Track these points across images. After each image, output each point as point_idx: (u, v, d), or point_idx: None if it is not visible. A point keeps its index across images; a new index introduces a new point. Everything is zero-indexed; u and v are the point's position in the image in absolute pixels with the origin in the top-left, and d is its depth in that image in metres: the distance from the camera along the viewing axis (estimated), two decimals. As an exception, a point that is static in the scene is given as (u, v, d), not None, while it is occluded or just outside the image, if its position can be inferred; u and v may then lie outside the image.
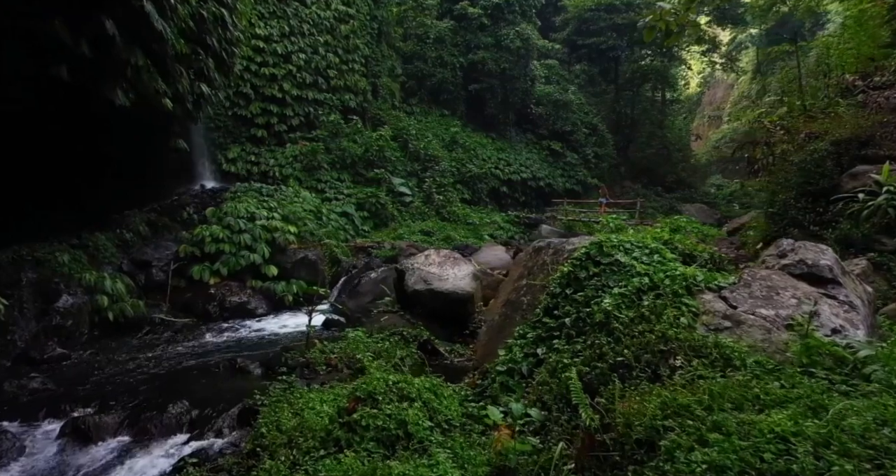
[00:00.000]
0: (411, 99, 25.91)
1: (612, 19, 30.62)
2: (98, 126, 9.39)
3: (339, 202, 17.52)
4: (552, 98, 27.97)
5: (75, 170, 10.05)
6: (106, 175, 11.38)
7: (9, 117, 7.52)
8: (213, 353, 8.02)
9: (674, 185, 35.13)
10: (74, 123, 8.75)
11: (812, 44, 39.23)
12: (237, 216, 11.84)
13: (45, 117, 8.15)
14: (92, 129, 9.39)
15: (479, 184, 23.18)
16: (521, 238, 20.83)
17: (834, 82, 7.90)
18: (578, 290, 3.86)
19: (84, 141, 9.58)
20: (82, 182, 10.50)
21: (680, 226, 12.55)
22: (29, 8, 6.21)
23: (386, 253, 14.29)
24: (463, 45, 26.44)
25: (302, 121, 19.16)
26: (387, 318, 7.71)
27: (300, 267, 12.15)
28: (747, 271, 3.24)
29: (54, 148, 8.88)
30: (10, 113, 7.48)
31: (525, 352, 3.89)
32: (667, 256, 3.70)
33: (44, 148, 8.68)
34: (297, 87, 18.88)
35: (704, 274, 3.33)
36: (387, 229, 17.69)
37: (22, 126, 7.94)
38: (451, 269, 7.92)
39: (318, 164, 18.17)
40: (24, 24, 6.30)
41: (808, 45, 49.56)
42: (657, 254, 3.74)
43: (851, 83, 6.99)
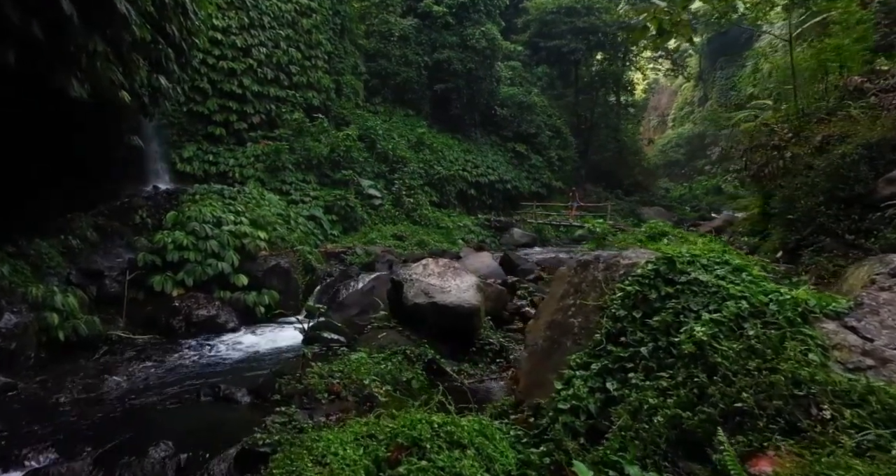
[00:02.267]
0: (375, 98, 25.17)
1: (572, 22, 30.95)
2: (43, 120, 8.28)
3: (307, 205, 16.61)
4: (516, 100, 27.92)
5: (11, 168, 8.85)
6: (48, 174, 10.16)
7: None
8: (186, 376, 7.14)
9: (631, 187, 36.01)
10: (16, 116, 7.64)
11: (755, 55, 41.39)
12: (202, 221, 10.84)
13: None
14: (35, 123, 8.26)
15: (447, 186, 22.73)
16: (493, 242, 20.55)
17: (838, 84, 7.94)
18: (650, 313, 3.45)
19: (25, 136, 8.42)
20: (19, 182, 9.28)
21: (663, 230, 12.55)
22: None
23: (361, 259, 13.59)
24: (428, 43, 25.93)
25: (263, 119, 18.08)
26: (384, 334, 7.10)
27: (272, 275, 11.29)
28: (866, 294, 2.93)
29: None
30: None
31: (590, 386, 3.42)
32: (755, 274, 3.35)
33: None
34: (258, 83, 17.79)
35: (815, 296, 2.99)
36: (357, 234, 16.94)
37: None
38: (453, 280, 7.40)
39: (282, 164, 17.18)
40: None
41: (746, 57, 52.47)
42: (744, 271, 3.38)
43: (860, 84, 7.02)
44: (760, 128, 9.09)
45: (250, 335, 9.56)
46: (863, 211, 5.13)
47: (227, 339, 9.15)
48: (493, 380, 6.33)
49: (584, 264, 4.23)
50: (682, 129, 60.35)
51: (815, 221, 5.76)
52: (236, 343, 8.90)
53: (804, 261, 5.66)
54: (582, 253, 5.25)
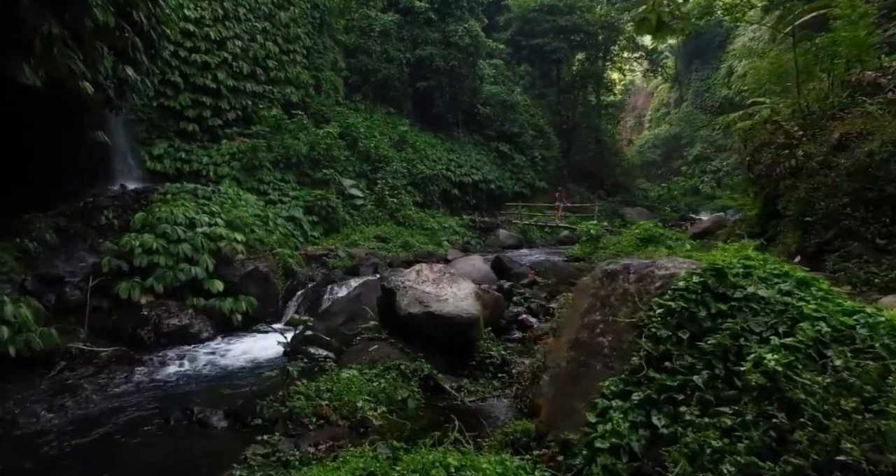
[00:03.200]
0: (355, 95, 24.45)
1: (554, 21, 30.68)
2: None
3: (285, 205, 15.86)
4: (500, 98, 27.51)
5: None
6: (2, 170, 9.31)
7: None
8: (154, 395, 6.43)
9: (613, 188, 35.97)
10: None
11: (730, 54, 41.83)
12: (174, 222, 10.07)
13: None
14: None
15: (430, 186, 22.16)
16: (478, 243, 20.06)
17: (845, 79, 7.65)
18: (700, 334, 2.97)
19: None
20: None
21: (657, 232, 12.23)
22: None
23: (344, 262, 12.94)
24: (409, 40, 25.33)
25: (239, 115, 17.25)
26: (375, 347, 6.52)
27: (249, 281, 10.57)
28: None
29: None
30: None
31: (632, 420, 2.93)
32: (825, 288, 2.91)
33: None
34: (234, 78, 16.97)
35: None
36: (339, 235, 16.26)
37: None
38: (449, 287, 6.86)
39: (259, 162, 16.39)
40: None
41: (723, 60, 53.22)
42: (812, 285, 2.94)
43: (873, 80, 6.74)
44: (764, 126, 8.78)
45: (227, 346, 8.85)
46: (895, 213, 4.78)
47: (202, 350, 8.43)
48: (496, 397, 5.81)
49: (610, 274, 3.74)
50: (659, 130, 60.90)
51: (840, 224, 5.41)
52: (211, 355, 8.19)
53: (829, 267, 5.29)
54: (607, 262, 4.78)
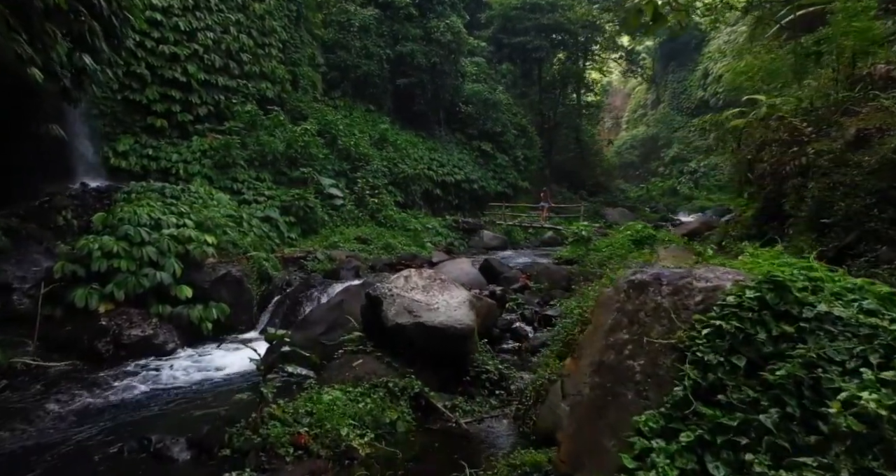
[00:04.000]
0: (334, 92, 23.68)
1: (536, 19, 30.36)
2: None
3: (261, 205, 15.07)
4: (482, 97, 27.02)
5: None
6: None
7: None
8: (108, 419, 5.69)
9: (594, 188, 35.88)
10: None
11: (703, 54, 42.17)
12: (137, 224, 9.27)
13: None
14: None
15: (412, 185, 21.53)
16: (462, 244, 19.52)
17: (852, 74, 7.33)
18: (759, 360, 2.48)
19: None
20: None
21: (649, 233, 11.86)
22: None
23: (323, 266, 12.25)
24: (390, 35, 24.67)
25: (211, 110, 16.37)
26: (360, 362, 5.91)
27: (221, 286, 9.84)
28: None
29: None
30: None
31: (681, 467, 2.40)
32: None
33: None
34: (205, 71, 16.08)
35: None
36: (317, 236, 15.54)
37: None
38: (441, 294, 6.30)
39: (232, 160, 15.55)
40: None
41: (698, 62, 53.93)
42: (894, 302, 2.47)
43: (885, 74, 6.43)
44: (765, 124, 8.43)
45: (195, 358, 8.12)
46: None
47: (166, 364, 7.68)
48: (494, 417, 5.27)
49: (638, 286, 3.23)
50: (636, 131, 61.43)
51: (864, 226, 5.02)
52: (177, 370, 7.46)
53: (853, 273, 4.87)
54: (634, 271, 4.31)
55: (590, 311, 4.93)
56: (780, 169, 7.27)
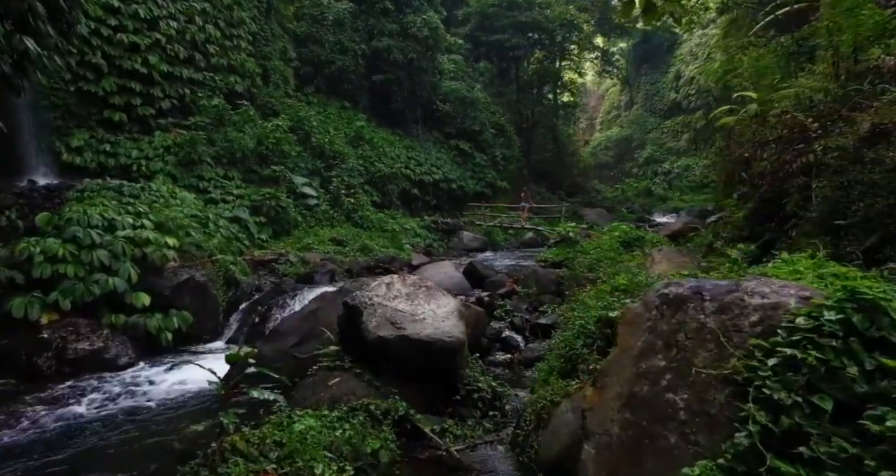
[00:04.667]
0: (307, 87, 22.83)
1: (514, 17, 29.99)
2: None
3: (229, 205, 14.21)
4: (459, 95, 26.48)
5: None
6: None
7: None
8: (38, 455, 4.89)
9: (571, 188, 35.76)
10: None
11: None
12: (88, 225, 8.40)
13: None
14: None
15: (389, 185, 20.84)
16: (440, 246, 18.93)
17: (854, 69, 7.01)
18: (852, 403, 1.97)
19: None
20: None
21: (635, 234, 11.49)
22: None
23: (296, 269, 11.51)
24: (365, 30, 23.94)
25: (175, 104, 15.41)
26: (337, 381, 5.26)
27: (183, 292, 9.04)
28: None
29: None
30: None
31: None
32: None
33: None
34: (168, 63, 15.11)
35: None
36: (290, 238, 14.75)
37: None
38: (427, 304, 5.70)
39: (198, 157, 14.64)
40: None
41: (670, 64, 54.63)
42: None
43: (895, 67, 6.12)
44: (763, 121, 8.09)
45: (151, 374, 7.33)
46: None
47: (117, 381, 6.88)
48: (489, 443, 4.70)
49: (674, 302, 2.70)
50: (610, 132, 61.96)
51: (888, 228, 4.63)
52: (128, 388, 6.66)
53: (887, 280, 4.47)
54: (665, 284, 3.83)
55: (607, 326, 4.42)
56: (781, 167, 6.91)
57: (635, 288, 5.36)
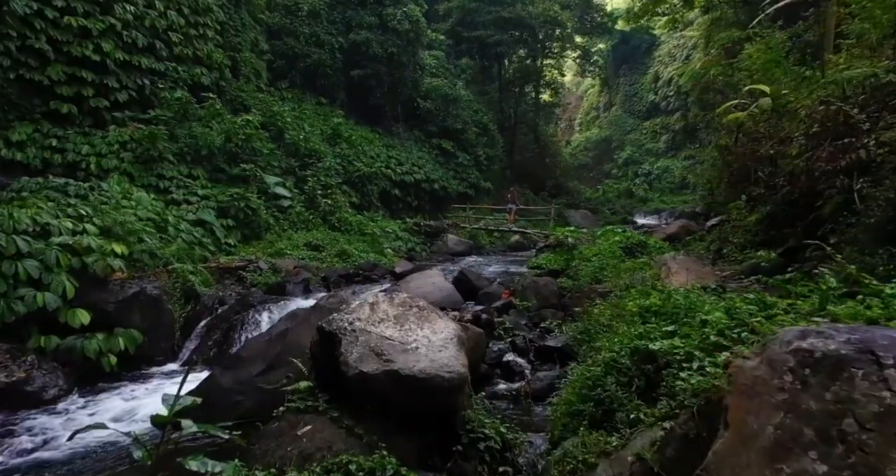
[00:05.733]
0: (281, 82, 21.60)
1: (497, 12, 29.15)
2: None
3: (193, 207, 12.95)
4: (441, 92, 25.48)
5: None
6: None
7: None
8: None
9: (554, 189, 35.13)
10: None
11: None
12: (13, 230, 7.15)
13: None
14: None
15: (368, 185, 19.72)
16: (423, 250, 17.89)
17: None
18: None
19: None
20: None
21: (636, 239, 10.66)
22: None
23: (266, 278, 10.38)
24: (342, 22, 22.80)
25: (133, 96, 14.05)
26: (309, 429, 4.21)
27: (131, 308, 7.84)
28: None
29: None
30: None
31: None
32: None
33: None
34: (125, 50, 13.75)
35: None
36: (261, 242, 13.55)
37: None
38: (419, 328, 4.69)
39: (158, 154, 13.34)
40: None
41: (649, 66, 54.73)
42: None
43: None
44: (794, 113, 7.31)
45: (84, 409, 6.15)
46: None
47: (37, 424, 5.66)
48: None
49: (825, 365, 1.76)
50: (590, 133, 61.87)
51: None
52: (49, 430, 5.47)
53: None
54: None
55: (646, 361, 3.49)
56: (814, 166, 6.12)
57: (672, 310, 4.44)
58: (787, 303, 3.49)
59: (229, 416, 5.65)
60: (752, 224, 9.06)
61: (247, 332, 7.83)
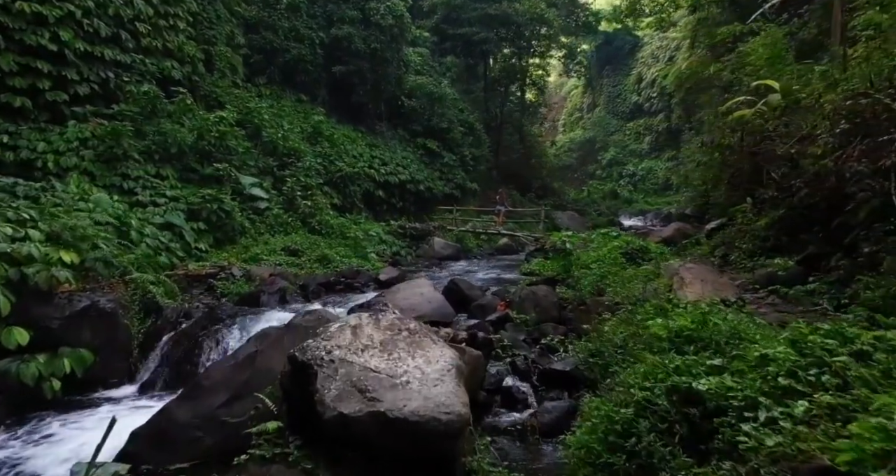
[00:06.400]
0: (258, 77, 20.63)
1: (483, 9, 28.49)
2: None
3: (160, 209, 12.02)
4: (426, 90, 24.72)
5: None
6: None
7: None
8: None
9: (541, 191, 34.67)
10: None
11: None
12: (-61, 239, 6.24)
13: None
14: None
15: (351, 186, 18.88)
16: (409, 254, 17.11)
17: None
18: None
19: None
20: None
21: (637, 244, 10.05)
22: None
23: (238, 287, 9.53)
24: (323, 17, 21.93)
25: (95, 89, 13.04)
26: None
27: (80, 324, 6.95)
28: None
29: None
30: None
31: None
32: None
33: None
34: (86, 40, 12.74)
35: None
36: (235, 247, 12.68)
37: None
38: (410, 357, 3.95)
39: (123, 152, 12.38)
40: None
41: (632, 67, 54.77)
42: None
43: None
44: (825, 109, 6.73)
45: (16, 443, 5.28)
46: None
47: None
48: None
49: None
50: (574, 133, 61.78)
51: None
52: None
53: None
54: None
55: (688, 402, 2.80)
56: (847, 166, 5.55)
57: (711, 336, 3.76)
58: (872, 335, 2.83)
59: (186, 456, 4.87)
60: (762, 229, 8.50)
61: (214, 351, 7.01)
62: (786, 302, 6.53)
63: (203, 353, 7.00)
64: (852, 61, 7.40)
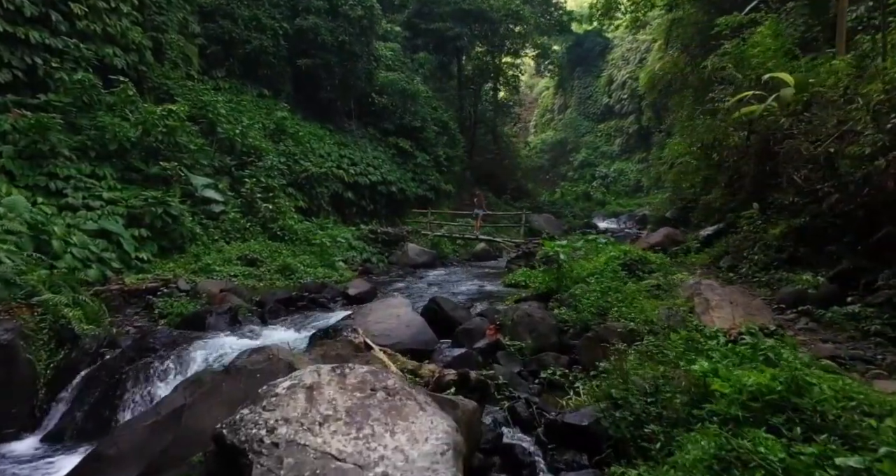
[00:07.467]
0: (216, 70, 19.06)
1: (457, 4, 27.47)
2: None
3: (94, 213, 10.51)
4: (398, 87, 23.50)
5: None
6: None
7: None
8: None
9: (516, 192, 33.88)
10: None
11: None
12: None
13: None
14: None
15: (317, 187, 17.50)
16: (381, 261, 15.84)
17: None
18: None
19: None
20: None
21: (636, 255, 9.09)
22: None
23: (180, 306, 8.13)
24: (287, 6, 20.49)
25: (18, 76, 11.39)
26: None
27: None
28: None
29: None
30: None
31: None
32: None
33: None
34: (6, 20, 11.12)
35: None
36: (183, 256, 11.22)
37: None
38: (390, 434, 2.78)
39: (50, 148, 10.80)
40: None
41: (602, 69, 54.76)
42: None
43: None
44: (858, 102, 5.87)
45: None
46: None
47: None
48: None
49: None
50: (545, 135, 61.59)
51: None
52: None
53: None
54: None
55: None
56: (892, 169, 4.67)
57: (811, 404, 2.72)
58: None
59: None
60: (776, 238, 7.65)
61: (140, 391, 5.68)
62: (823, 326, 5.64)
63: (127, 394, 5.66)
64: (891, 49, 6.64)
